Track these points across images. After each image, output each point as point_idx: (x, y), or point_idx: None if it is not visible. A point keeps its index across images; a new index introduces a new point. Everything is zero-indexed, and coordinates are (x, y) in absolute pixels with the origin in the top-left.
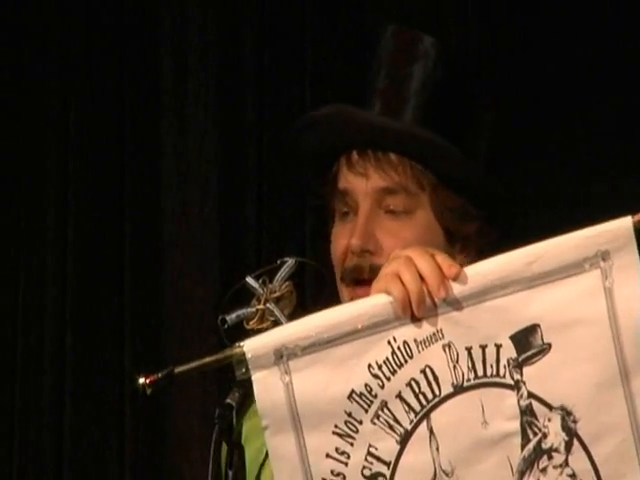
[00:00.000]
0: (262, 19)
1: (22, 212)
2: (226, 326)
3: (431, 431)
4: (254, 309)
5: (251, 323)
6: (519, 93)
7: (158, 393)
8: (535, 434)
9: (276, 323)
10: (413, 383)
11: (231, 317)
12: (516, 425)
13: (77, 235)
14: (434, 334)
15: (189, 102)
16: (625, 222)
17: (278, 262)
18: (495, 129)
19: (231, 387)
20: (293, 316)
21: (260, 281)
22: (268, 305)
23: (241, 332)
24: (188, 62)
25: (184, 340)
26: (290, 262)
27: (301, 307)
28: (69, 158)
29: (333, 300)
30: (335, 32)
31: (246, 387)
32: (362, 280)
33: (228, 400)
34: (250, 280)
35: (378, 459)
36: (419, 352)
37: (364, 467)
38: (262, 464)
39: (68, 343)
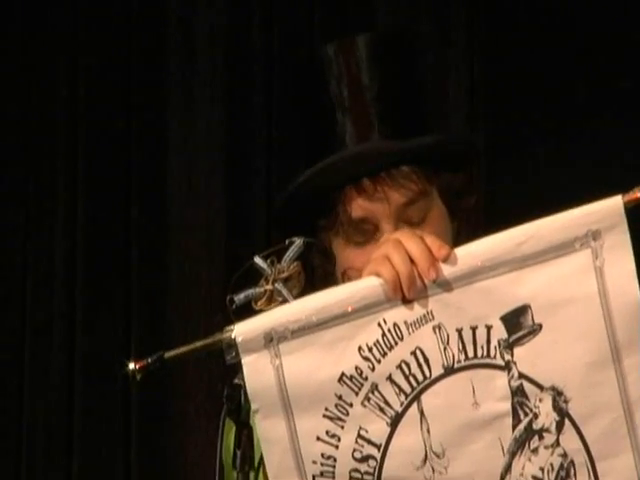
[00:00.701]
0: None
1: (31, 192)
2: (234, 306)
3: (422, 413)
4: (262, 289)
5: (259, 303)
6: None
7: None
8: (526, 414)
9: (284, 303)
10: (403, 365)
11: (239, 297)
12: (507, 406)
13: (85, 215)
14: (424, 316)
15: (196, 80)
16: (615, 201)
17: (286, 242)
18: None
19: (240, 367)
20: (301, 296)
21: (268, 261)
22: (276, 285)
23: (249, 312)
24: (196, 38)
25: (190, 320)
26: (298, 242)
27: (311, 287)
28: (78, 138)
29: None
30: (344, 12)
31: None
32: None
33: (236, 380)
34: (258, 260)
35: (369, 442)
36: (409, 334)
37: (355, 450)
38: None
39: (77, 323)
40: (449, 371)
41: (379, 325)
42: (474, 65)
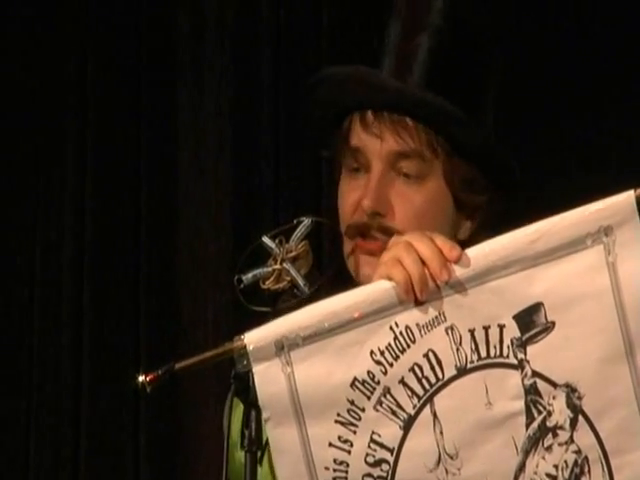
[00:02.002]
0: None
1: (40, 171)
2: (242, 286)
3: (435, 415)
4: (270, 269)
5: (267, 283)
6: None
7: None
8: (540, 412)
9: (292, 283)
10: (416, 368)
11: (247, 277)
12: (520, 404)
13: (94, 193)
14: (436, 317)
15: (205, 60)
16: (627, 196)
17: (294, 222)
18: (501, 95)
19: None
20: (309, 276)
21: (276, 241)
22: (284, 265)
23: (257, 292)
24: (205, 19)
25: (198, 297)
26: (306, 221)
27: (318, 267)
28: (87, 117)
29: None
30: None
31: None
32: (368, 236)
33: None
34: (266, 240)
35: (381, 446)
36: (421, 336)
37: (367, 454)
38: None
39: (85, 301)
40: (462, 372)
41: (391, 328)
42: None
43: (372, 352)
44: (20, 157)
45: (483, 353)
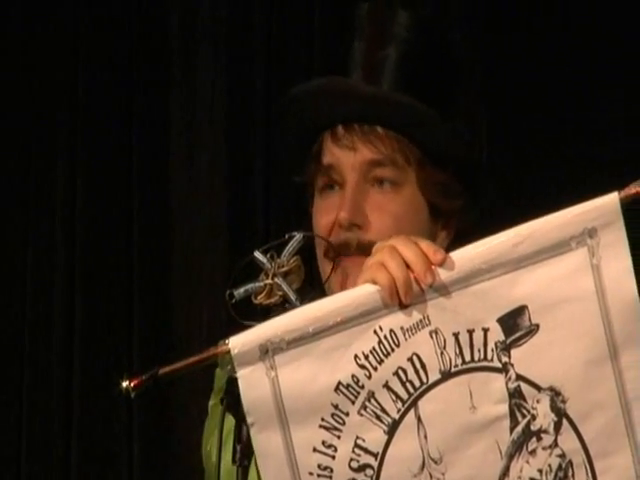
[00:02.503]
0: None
1: (31, 183)
2: (234, 300)
3: (419, 419)
4: (262, 283)
5: (259, 297)
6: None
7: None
8: (524, 416)
9: (284, 298)
10: (400, 372)
11: (239, 291)
12: (505, 408)
13: (86, 205)
14: (421, 321)
15: (198, 74)
16: (612, 198)
17: (286, 236)
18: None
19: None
20: (301, 291)
21: (268, 255)
22: (276, 280)
23: (249, 307)
24: (197, 33)
25: (192, 312)
26: (298, 236)
27: (310, 281)
28: (78, 129)
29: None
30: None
31: None
32: (349, 254)
33: (236, 375)
34: (258, 254)
35: (365, 450)
36: (406, 340)
37: (351, 459)
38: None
39: (78, 316)
40: (446, 376)
41: (375, 332)
42: None
43: (356, 356)
44: (11, 167)
45: (467, 357)
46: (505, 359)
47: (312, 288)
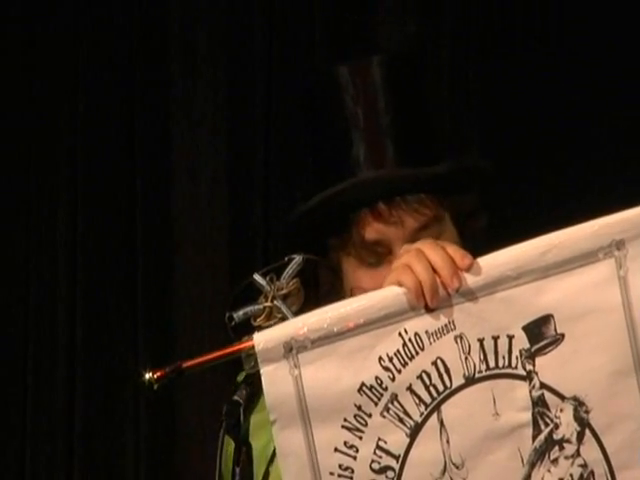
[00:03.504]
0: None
1: (33, 206)
2: (233, 323)
3: (441, 423)
4: (261, 306)
5: (258, 320)
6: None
7: (165, 388)
8: (547, 425)
9: (283, 320)
10: (424, 375)
11: (238, 314)
12: (528, 416)
13: (88, 232)
14: (446, 325)
15: (198, 97)
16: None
17: (286, 259)
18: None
19: (238, 384)
20: (300, 313)
21: (267, 278)
22: (275, 302)
23: (249, 329)
24: (197, 55)
25: (194, 337)
26: (298, 259)
27: (316, 303)
28: (79, 147)
29: None
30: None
31: (254, 384)
32: None
33: (235, 397)
34: (257, 277)
35: (387, 452)
36: (430, 344)
37: (373, 461)
38: (270, 460)
39: (78, 343)
40: (470, 381)
41: (400, 335)
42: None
43: (380, 358)
44: (11, 174)
45: (492, 363)
46: (529, 367)
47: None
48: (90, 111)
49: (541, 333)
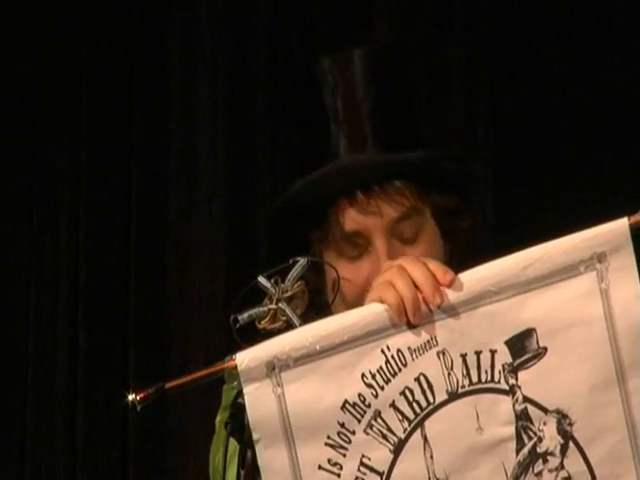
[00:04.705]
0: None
1: (35, 215)
2: (238, 325)
3: (425, 439)
4: (266, 309)
5: (263, 323)
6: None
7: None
8: (530, 438)
9: (288, 323)
10: (407, 391)
11: (243, 317)
12: (511, 430)
13: (87, 235)
14: (428, 341)
15: (198, 101)
16: (621, 223)
17: (290, 261)
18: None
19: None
20: (305, 315)
21: (272, 281)
22: (280, 305)
23: (253, 331)
24: (197, 63)
25: (190, 340)
26: (302, 261)
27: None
28: (80, 159)
29: None
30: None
31: None
32: None
33: (240, 400)
34: (262, 280)
35: (371, 469)
36: (413, 360)
37: (357, 478)
38: None
39: (81, 344)
40: (453, 396)
41: (382, 352)
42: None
43: (363, 375)
44: (14, 189)
45: (474, 378)
46: (512, 381)
47: (316, 313)
48: (92, 111)
49: (523, 347)
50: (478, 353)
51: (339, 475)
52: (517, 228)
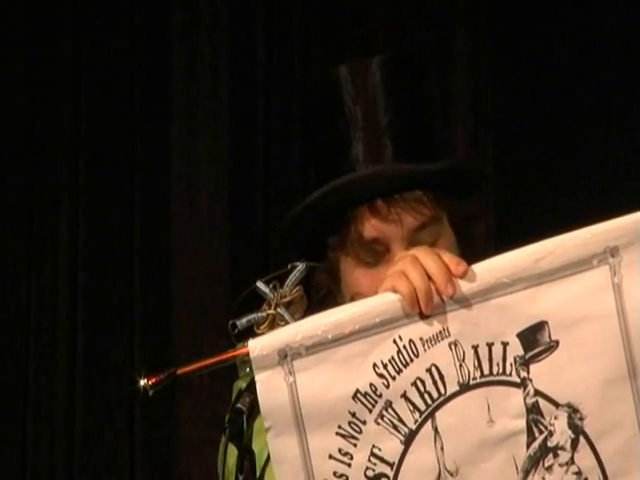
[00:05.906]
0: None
1: (35, 217)
2: (237, 331)
3: (436, 430)
4: (265, 314)
5: (262, 328)
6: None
7: (160, 394)
8: (541, 432)
9: None
10: (418, 382)
11: (242, 322)
12: (522, 423)
13: (88, 240)
14: (440, 332)
15: (199, 106)
16: (635, 218)
17: (289, 267)
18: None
19: (241, 392)
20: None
21: (270, 286)
22: (279, 310)
23: (252, 337)
24: (198, 66)
25: (194, 345)
26: (300, 267)
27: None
28: (79, 162)
29: None
30: (339, 29)
31: (256, 392)
32: None
33: (239, 405)
34: (260, 285)
35: (382, 460)
36: (425, 351)
37: (367, 468)
38: (265, 464)
39: (79, 347)
40: (464, 388)
41: (394, 342)
42: (481, 93)
43: (375, 365)
44: (10, 217)
45: (486, 370)
46: (524, 374)
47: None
48: (92, 111)
49: (535, 340)
50: (490, 345)
51: (349, 465)
52: (517, 228)
